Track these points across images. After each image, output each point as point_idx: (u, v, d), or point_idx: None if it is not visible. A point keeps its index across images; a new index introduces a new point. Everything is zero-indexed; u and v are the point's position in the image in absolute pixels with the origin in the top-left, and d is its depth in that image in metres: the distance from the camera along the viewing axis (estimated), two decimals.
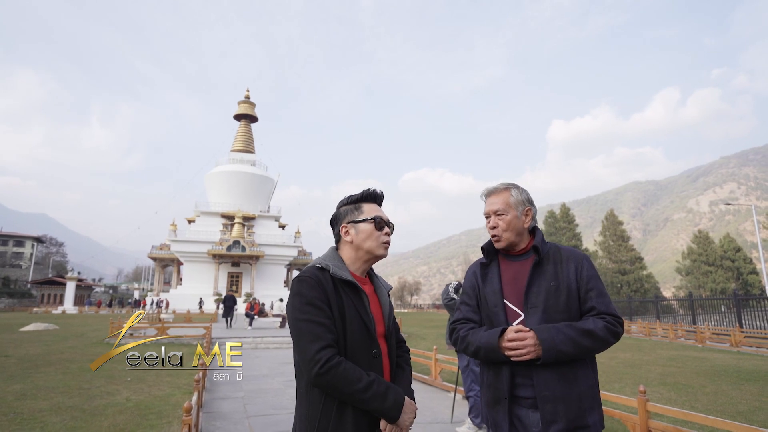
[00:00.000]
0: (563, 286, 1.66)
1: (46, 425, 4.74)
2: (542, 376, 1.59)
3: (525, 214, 1.78)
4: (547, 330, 1.58)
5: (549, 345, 1.54)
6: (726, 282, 46.13)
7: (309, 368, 1.35)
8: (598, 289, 1.68)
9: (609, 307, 1.66)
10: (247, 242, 45.04)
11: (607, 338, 1.60)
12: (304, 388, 1.44)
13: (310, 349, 1.36)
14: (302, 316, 1.41)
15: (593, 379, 1.64)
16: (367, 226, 1.58)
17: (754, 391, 6.65)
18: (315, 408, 1.40)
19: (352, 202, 1.64)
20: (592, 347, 1.59)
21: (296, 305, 1.43)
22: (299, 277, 1.49)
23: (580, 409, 1.57)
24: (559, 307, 1.64)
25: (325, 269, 1.51)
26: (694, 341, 14.93)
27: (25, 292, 58.57)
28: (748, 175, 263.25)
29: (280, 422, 5.21)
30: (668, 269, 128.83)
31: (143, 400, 5.96)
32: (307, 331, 1.39)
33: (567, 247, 1.80)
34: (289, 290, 1.52)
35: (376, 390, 1.39)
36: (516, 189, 1.81)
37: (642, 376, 8.00)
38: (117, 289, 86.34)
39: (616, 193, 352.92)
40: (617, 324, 1.63)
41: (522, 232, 1.78)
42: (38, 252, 75.65)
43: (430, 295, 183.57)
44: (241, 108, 54.99)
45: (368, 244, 1.57)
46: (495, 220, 1.77)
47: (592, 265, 1.74)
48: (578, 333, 1.58)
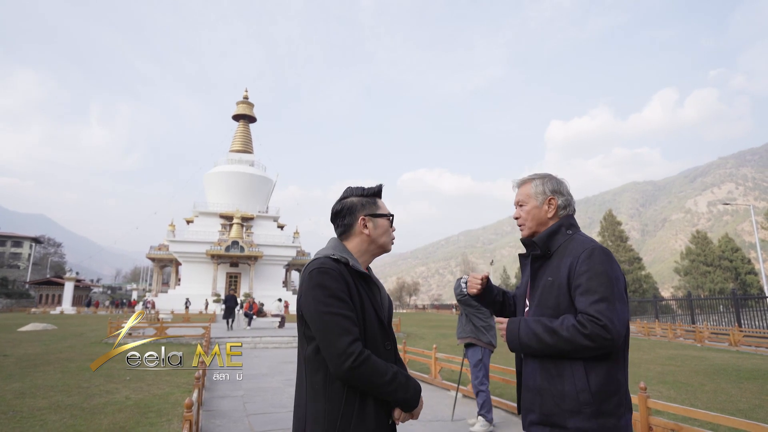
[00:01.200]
0: (557, 282, 1.61)
1: (45, 423, 4.73)
2: (529, 366, 1.64)
3: (548, 204, 1.75)
4: (515, 322, 1.64)
5: (511, 336, 1.62)
6: (724, 282, 46.26)
7: (341, 362, 1.32)
8: (585, 286, 1.52)
9: (590, 307, 1.48)
10: (245, 243, 44.99)
11: (573, 339, 1.47)
12: (321, 383, 1.39)
13: (342, 343, 1.32)
14: (328, 308, 1.36)
15: (585, 384, 1.48)
16: (386, 221, 1.61)
17: (753, 390, 6.67)
18: (336, 402, 1.36)
19: (368, 195, 1.61)
20: (557, 346, 1.50)
21: (320, 297, 1.37)
22: (320, 268, 1.41)
23: (558, 407, 1.50)
24: (549, 303, 1.61)
25: (341, 261, 1.46)
26: (693, 341, 14.95)
27: (23, 292, 58.42)
28: (745, 176, 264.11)
29: (280, 420, 5.21)
30: (666, 269, 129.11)
31: (143, 399, 5.95)
32: (335, 324, 1.35)
33: (581, 238, 1.66)
34: (306, 281, 1.43)
35: (400, 381, 1.40)
36: (539, 179, 1.79)
37: (641, 375, 8.01)
38: (115, 290, 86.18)
39: (614, 194, 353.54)
40: (590, 325, 1.45)
41: (545, 222, 1.75)
42: (36, 252, 75.46)
43: (429, 296, 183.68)
44: (240, 108, 54.97)
45: (383, 239, 1.60)
46: (517, 211, 1.81)
47: (597, 259, 1.55)
48: (543, 329, 1.54)
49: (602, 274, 1.52)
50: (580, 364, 1.51)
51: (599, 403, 1.47)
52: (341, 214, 1.59)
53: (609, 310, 1.47)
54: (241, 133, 54.72)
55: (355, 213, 1.57)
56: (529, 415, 1.61)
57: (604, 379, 1.50)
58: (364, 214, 1.57)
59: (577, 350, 1.49)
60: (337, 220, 1.60)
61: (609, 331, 1.45)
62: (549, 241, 1.70)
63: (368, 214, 1.57)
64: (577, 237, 1.68)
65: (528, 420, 1.61)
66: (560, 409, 1.50)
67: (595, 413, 1.46)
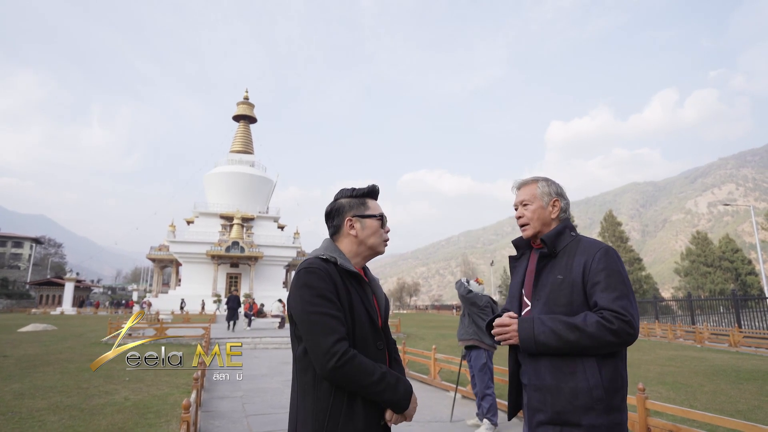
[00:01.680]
0: (568, 280, 1.62)
1: (44, 424, 4.73)
2: (532, 365, 1.62)
3: (552, 205, 1.78)
4: (529, 320, 1.61)
5: (526, 334, 1.58)
6: (724, 283, 46.22)
7: (324, 361, 1.32)
8: (605, 283, 1.55)
9: (613, 303, 1.51)
10: (245, 243, 44.98)
11: (598, 334, 1.48)
12: (311, 383, 1.39)
13: (326, 342, 1.32)
14: (314, 308, 1.36)
15: (598, 380, 1.50)
16: (374, 222, 1.59)
17: (753, 390, 6.66)
18: (323, 402, 1.36)
19: (357, 196, 1.61)
20: (579, 342, 1.50)
21: (306, 297, 1.38)
22: (307, 268, 1.42)
23: (571, 405, 1.50)
24: (561, 301, 1.61)
25: (330, 261, 1.47)
26: (693, 341, 14.95)
27: (24, 293, 58.45)
28: (746, 176, 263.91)
29: (279, 421, 5.20)
30: (667, 270, 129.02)
31: (142, 400, 5.95)
32: (320, 323, 1.35)
33: (590, 239, 1.71)
34: (294, 281, 1.44)
35: (389, 381, 1.39)
36: (544, 181, 1.83)
37: (640, 376, 8.01)
38: (116, 291, 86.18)
39: (614, 194, 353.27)
40: (616, 320, 1.48)
41: (549, 223, 1.78)
42: (36, 253, 75.45)
43: (429, 296, 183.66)
44: (240, 109, 54.99)
45: (372, 240, 1.58)
46: (521, 210, 1.82)
47: (611, 258, 1.60)
48: (564, 326, 1.53)
49: (618, 272, 1.58)
50: (593, 361, 1.53)
51: (610, 399, 1.51)
52: (331, 215, 1.61)
53: (631, 307, 1.53)
54: (242, 133, 54.72)
55: (342, 214, 1.58)
56: (537, 415, 1.58)
57: (613, 375, 1.54)
58: (351, 215, 1.57)
59: (600, 346, 1.50)
60: (328, 221, 1.62)
61: (633, 327, 1.50)
62: (556, 240, 1.72)
63: (356, 215, 1.57)
64: (584, 238, 1.73)
65: (536, 420, 1.59)
66: (573, 406, 1.50)
67: (607, 409, 1.50)
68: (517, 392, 1.77)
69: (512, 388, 1.78)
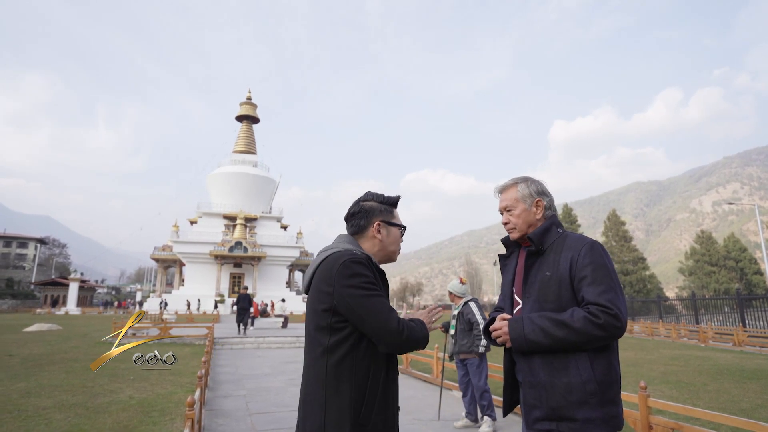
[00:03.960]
0: (556, 276, 1.64)
1: (50, 422, 4.77)
2: (526, 362, 1.65)
3: (536, 206, 1.80)
4: (519, 320, 1.63)
5: (516, 334, 1.61)
6: (729, 282, 45.94)
7: (397, 336, 1.43)
8: (591, 277, 1.57)
9: (600, 297, 1.53)
10: (249, 243, 45.07)
11: (586, 329, 1.50)
12: (346, 374, 1.41)
13: (393, 320, 1.44)
14: (372, 293, 1.45)
15: (590, 374, 1.53)
16: (398, 232, 1.69)
17: (756, 390, 6.65)
18: (360, 392, 1.41)
19: (387, 203, 1.68)
20: (568, 338, 1.52)
21: (361, 284, 1.44)
22: (354, 258, 1.47)
23: (565, 400, 1.53)
24: (550, 297, 1.63)
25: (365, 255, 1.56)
26: (697, 341, 14.88)
27: (29, 293, 58.79)
28: (751, 175, 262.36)
29: (282, 419, 5.23)
30: (671, 269, 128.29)
31: (146, 398, 5.99)
32: (382, 305, 1.45)
33: (576, 235, 1.73)
34: (340, 270, 1.45)
35: (415, 325, 1.52)
36: (523, 183, 1.85)
37: (644, 375, 7.99)
38: (120, 291, 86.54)
39: (618, 194, 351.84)
40: (603, 314, 1.50)
41: (534, 224, 1.80)
42: (41, 253, 75.88)
43: (432, 296, 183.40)
44: (243, 109, 55.11)
45: (393, 248, 1.68)
46: (506, 216, 1.85)
47: (597, 253, 1.62)
48: (552, 324, 1.55)
49: (604, 266, 1.60)
50: (585, 356, 1.55)
51: (603, 392, 1.53)
52: (357, 215, 1.66)
53: (618, 300, 1.54)
54: (245, 133, 54.85)
55: (372, 217, 1.64)
56: (533, 412, 1.61)
57: (605, 369, 1.56)
58: (380, 219, 1.64)
59: (588, 341, 1.53)
60: (353, 219, 1.67)
61: (619, 320, 1.52)
62: (543, 237, 1.75)
63: (384, 220, 1.64)
64: (570, 234, 1.75)
65: (533, 417, 1.61)
66: (568, 401, 1.53)
67: (601, 402, 1.52)
68: (511, 389, 1.79)
69: (507, 386, 1.80)
